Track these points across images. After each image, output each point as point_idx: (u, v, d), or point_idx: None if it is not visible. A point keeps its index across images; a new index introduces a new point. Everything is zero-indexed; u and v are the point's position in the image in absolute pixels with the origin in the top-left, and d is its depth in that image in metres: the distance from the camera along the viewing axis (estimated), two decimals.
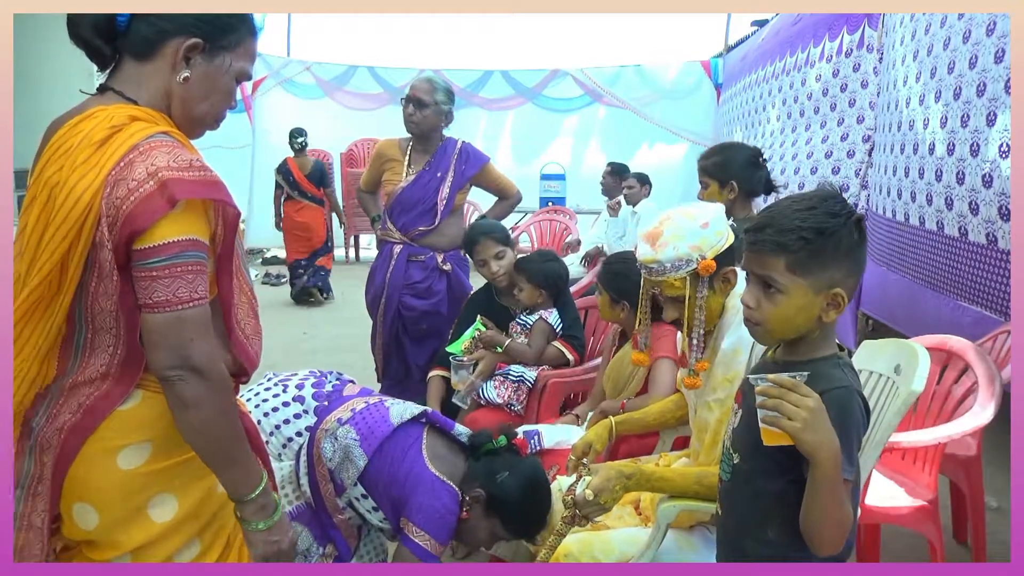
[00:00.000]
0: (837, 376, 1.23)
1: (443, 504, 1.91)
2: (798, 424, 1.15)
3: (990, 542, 2.56)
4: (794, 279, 1.23)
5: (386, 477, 1.93)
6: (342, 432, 1.96)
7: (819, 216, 1.22)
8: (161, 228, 1.13)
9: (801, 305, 1.24)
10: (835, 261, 1.23)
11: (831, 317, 1.25)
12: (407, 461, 1.94)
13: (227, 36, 1.26)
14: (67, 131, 1.19)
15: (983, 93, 3.24)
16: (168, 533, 1.27)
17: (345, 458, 1.94)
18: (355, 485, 1.95)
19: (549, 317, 2.98)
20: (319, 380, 2.18)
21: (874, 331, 4.97)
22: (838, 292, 1.23)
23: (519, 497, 1.97)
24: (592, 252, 5.97)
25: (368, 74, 9.88)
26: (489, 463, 2.02)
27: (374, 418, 2.00)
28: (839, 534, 1.19)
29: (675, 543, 1.77)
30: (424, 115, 3.20)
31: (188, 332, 1.16)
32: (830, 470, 1.15)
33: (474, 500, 1.96)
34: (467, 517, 1.96)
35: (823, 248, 1.22)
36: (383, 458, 1.94)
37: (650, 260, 1.74)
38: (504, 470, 1.99)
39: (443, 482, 1.95)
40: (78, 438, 1.21)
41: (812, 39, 5.81)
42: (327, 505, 1.99)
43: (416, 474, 1.93)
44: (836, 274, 1.23)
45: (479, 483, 1.97)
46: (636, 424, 2.11)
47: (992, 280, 3.23)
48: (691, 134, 9.43)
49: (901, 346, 2.01)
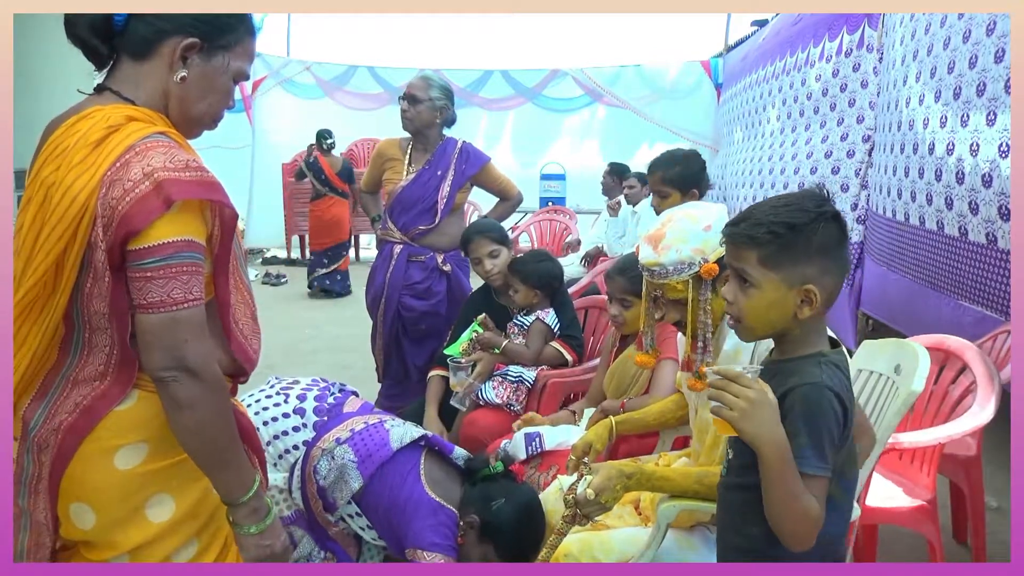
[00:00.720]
0: (811, 373, 1.24)
1: (445, 526, 1.93)
2: (735, 414, 1.18)
3: (990, 542, 2.55)
4: (766, 273, 1.25)
5: (385, 502, 1.94)
6: (339, 452, 1.96)
7: (792, 211, 1.25)
8: (157, 229, 1.13)
9: (773, 300, 1.26)
10: (806, 256, 1.24)
11: (805, 314, 1.26)
12: (407, 487, 1.95)
13: (225, 36, 1.26)
14: (64, 131, 1.19)
15: (983, 93, 3.24)
16: (165, 533, 1.26)
17: (340, 478, 1.94)
18: (348, 503, 1.96)
19: (546, 318, 2.97)
20: (322, 392, 2.17)
21: (874, 331, 4.97)
22: (810, 288, 1.24)
23: (514, 525, 1.97)
24: (592, 252, 5.97)
25: (368, 74, 9.89)
26: (485, 489, 2.02)
27: (374, 441, 2.00)
28: (803, 529, 1.19)
29: (675, 543, 1.77)
30: (418, 111, 3.19)
31: (182, 333, 1.15)
32: (775, 462, 1.17)
33: (468, 526, 1.97)
34: (461, 543, 1.96)
35: (793, 243, 1.24)
36: (382, 482, 1.95)
37: (652, 263, 1.74)
38: (500, 497, 1.99)
39: (442, 506, 1.96)
40: (75, 438, 1.21)
41: (812, 39, 5.81)
42: (319, 520, 2.00)
43: (416, 500, 1.93)
44: (808, 270, 1.24)
45: (474, 509, 1.98)
46: (636, 424, 2.11)
47: (992, 280, 3.23)
48: (691, 134, 9.42)
49: (901, 346, 2.01)
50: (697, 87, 9.51)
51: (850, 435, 1.27)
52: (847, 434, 1.25)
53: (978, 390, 2.28)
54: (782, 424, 1.20)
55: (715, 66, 9.35)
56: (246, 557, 1.30)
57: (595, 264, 5.48)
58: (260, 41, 8.30)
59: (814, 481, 1.19)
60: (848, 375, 1.28)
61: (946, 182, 3.56)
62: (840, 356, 1.30)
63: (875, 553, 2.29)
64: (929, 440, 2.22)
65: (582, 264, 5.86)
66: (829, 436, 1.20)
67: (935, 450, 2.30)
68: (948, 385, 2.48)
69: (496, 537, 1.97)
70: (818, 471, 1.19)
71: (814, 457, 1.18)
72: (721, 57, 9.32)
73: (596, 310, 3.33)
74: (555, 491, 2.04)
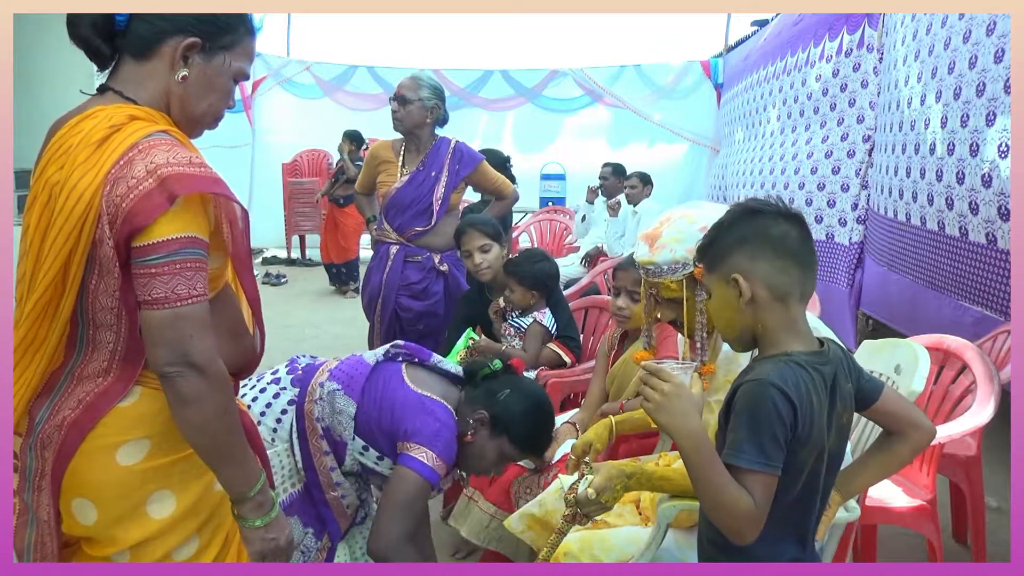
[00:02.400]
0: (762, 371, 1.25)
1: (436, 418, 1.89)
2: (651, 405, 1.27)
3: (990, 542, 2.55)
4: (710, 277, 1.34)
5: (375, 415, 1.91)
6: (326, 387, 1.95)
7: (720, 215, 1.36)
8: (160, 225, 1.13)
9: (719, 299, 1.33)
10: (732, 248, 1.30)
11: (748, 304, 1.28)
12: (390, 392, 1.92)
13: (225, 36, 1.27)
14: (67, 131, 1.19)
15: (983, 93, 3.25)
16: (166, 530, 1.27)
17: (333, 411, 1.92)
18: (354, 439, 1.93)
19: (543, 319, 2.97)
20: (291, 362, 2.17)
21: (874, 331, 4.97)
22: (736, 277, 1.28)
23: (524, 411, 1.96)
24: (592, 252, 5.97)
25: (368, 74, 9.88)
26: (488, 386, 2.01)
27: (350, 365, 1.99)
28: (733, 522, 1.21)
29: (675, 543, 1.77)
30: (408, 111, 3.19)
31: (187, 329, 1.16)
32: (690, 452, 1.23)
33: (478, 422, 1.94)
34: (472, 440, 1.94)
35: (718, 238, 1.33)
36: (369, 399, 1.92)
37: (647, 262, 1.75)
38: (505, 388, 1.98)
39: (431, 398, 1.93)
40: (78, 434, 1.21)
41: (812, 39, 5.81)
42: (321, 480, 1.96)
43: (402, 400, 1.91)
44: (737, 259, 1.29)
45: (481, 405, 1.96)
46: (636, 424, 2.11)
47: (992, 280, 3.23)
48: (691, 134, 9.44)
49: (901, 346, 2.01)
50: (697, 87, 9.51)
51: (815, 434, 1.25)
52: (809, 432, 1.23)
53: (978, 390, 2.28)
54: (729, 420, 1.24)
55: (715, 66, 9.35)
56: (251, 550, 1.31)
57: (595, 264, 5.49)
58: (260, 41, 8.33)
59: (751, 476, 1.19)
60: (820, 375, 1.26)
61: (947, 182, 3.56)
62: (817, 356, 1.28)
63: (875, 553, 2.29)
64: None
65: (582, 264, 5.87)
66: (770, 432, 1.20)
67: (935, 450, 2.30)
68: (948, 385, 2.48)
69: (509, 428, 1.95)
70: (754, 465, 1.19)
71: (751, 452, 1.19)
72: (721, 57, 9.32)
73: (596, 310, 3.33)
74: (555, 491, 2.04)
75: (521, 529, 2.06)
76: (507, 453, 2.00)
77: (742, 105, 7.77)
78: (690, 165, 9.67)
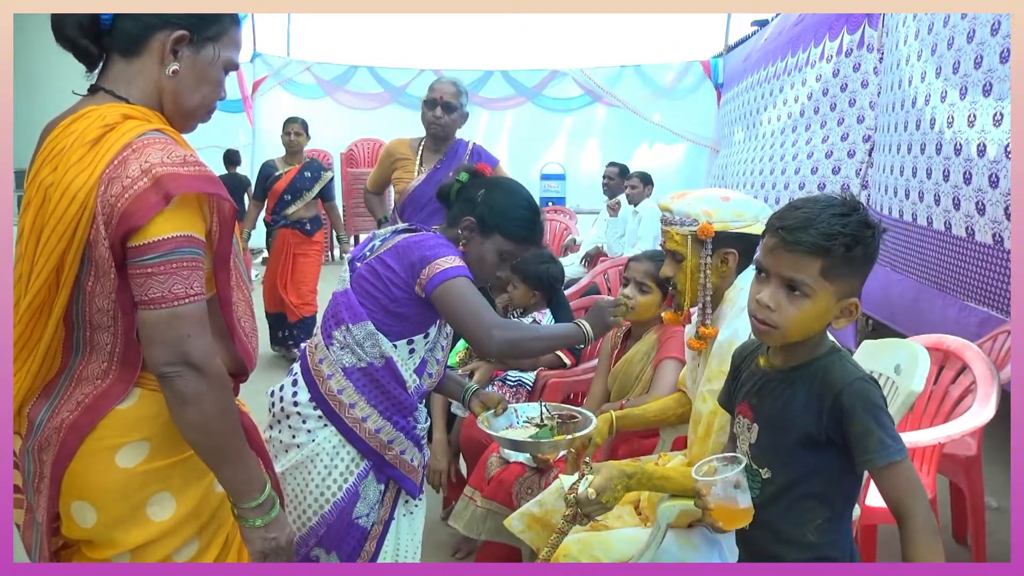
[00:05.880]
0: (849, 370, 1.26)
1: (432, 240, 1.87)
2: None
3: (990, 542, 2.55)
4: (824, 284, 1.23)
5: (384, 302, 1.85)
6: (336, 336, 1.86)
7: (856, 224, 1.22)
8: (156, 225, 1.13)
9: (822, 310, 1.25)
10: (860, 271, 1.25)
11: (840, 325, 1.27)
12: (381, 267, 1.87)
13: (212, 26, 1.26)
14: (60, 132, 1.19)
15: (989, 93, 3.24)
16: (167, 533, 1.26)
17: (354, 343, 1.84)
18: (395, 347, 1.86)
19: (542, 320, 2.96)
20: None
21: (874, 331, 4.97)
22: (854, 302, 1.25)
23: (505, 202, 1.95)
24: (592, 252, 5.97)
25: (368, 74, 9.89)
26: (463, 195, 1.99)
27: (335, 302, 1.91)
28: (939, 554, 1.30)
29: (675, 543, 1.77)
30: (452, 119, 3.24)
31: (184, 328, 1.15)
32: None
33: (467, 230, 1.93)
34: (467, 249, 1.93)
35: (855, 256, 1.22)
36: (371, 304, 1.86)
37: (665, 207, 1.87)
38: (480, 190, 1.97)
39: (418, 231, 1.92)
40: (77, 436, 1.21)
41: (812, 39, 5.81)
42: (372, 445, 1.87)
43: (392, 257, 1.86)
44: (856, 283, 1.25)
45: (464, 213, 1.95)
46: (637, 420, 2.11)
47: (999, 280, 3.22)
48: (691, 134, 9.44)
49: (901, 346, 2.01)
50: (697, 87, 9.52)
51: None
52: None
53: (978, 390, 2.28)
54: (841, 426, 1.23)
55: (715, 66, 9.35)
56: (252, 550, 1.30)
57: (595, 264, 5.48)
58: (260, 41, 8.22)
59: (901, 466, 1.21)
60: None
61: (953, 182, 3.56)
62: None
63: (875, 553, 2.29)
64: (929, 440, 2.22)
65: (582, 264, 5.86)
66: (890, 419, 1.23)
67: (935, 450, 2.30)
68: (948, 385, 2.48)
69: (498, 225, 1.93)
70: (900, 454, 1.21)
71: (893, 443, 1.21)
72: (721, 57, 9.32)
73: None
74: (555, 491, 2.04)
75: (521, 529, 2.06)
76: (504, 250, 1.96)
77: (742, 105, 7.76)
78: (690, 165, 9.67)
